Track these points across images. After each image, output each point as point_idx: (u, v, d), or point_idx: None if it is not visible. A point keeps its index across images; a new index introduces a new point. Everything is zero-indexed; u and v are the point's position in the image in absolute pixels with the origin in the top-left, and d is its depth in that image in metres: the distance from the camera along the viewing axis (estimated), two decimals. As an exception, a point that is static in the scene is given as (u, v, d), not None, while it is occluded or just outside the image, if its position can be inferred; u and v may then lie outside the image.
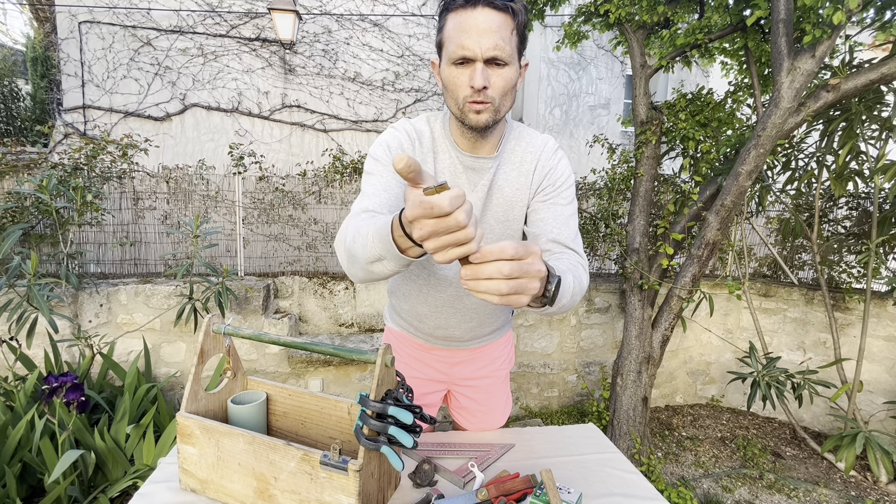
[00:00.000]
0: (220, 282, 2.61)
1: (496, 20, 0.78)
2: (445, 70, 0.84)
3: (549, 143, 0.98)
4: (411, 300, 1.11)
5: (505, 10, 0.78)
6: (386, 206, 0.86)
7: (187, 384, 0.91)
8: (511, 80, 0.83)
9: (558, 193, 0.96)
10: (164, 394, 2.82)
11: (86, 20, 4.39)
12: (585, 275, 0.87)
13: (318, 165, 3.79)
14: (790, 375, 2.65)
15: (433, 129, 0.97)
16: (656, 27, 2.97)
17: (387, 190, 0.88)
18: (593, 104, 5.81)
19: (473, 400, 1.25)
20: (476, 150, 0.94)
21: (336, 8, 4.85)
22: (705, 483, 2.59)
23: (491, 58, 0.79)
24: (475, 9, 0.78)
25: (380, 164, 0.92)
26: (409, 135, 0.95)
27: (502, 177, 0.97)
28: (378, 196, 0.87)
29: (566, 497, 0.85)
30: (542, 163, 0.96)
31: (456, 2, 0.79)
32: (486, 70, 0.80)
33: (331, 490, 0.79)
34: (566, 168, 0.98)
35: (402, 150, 0.93)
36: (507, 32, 0.79)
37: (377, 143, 0.95)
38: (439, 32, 0.85)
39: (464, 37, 0.78)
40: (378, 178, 0.90)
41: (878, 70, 2.16)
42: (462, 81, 0.82)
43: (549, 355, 3.41)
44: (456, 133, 0.94)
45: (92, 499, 1.85)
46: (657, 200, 3.39)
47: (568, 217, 0.95)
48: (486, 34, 0.77)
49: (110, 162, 3.01)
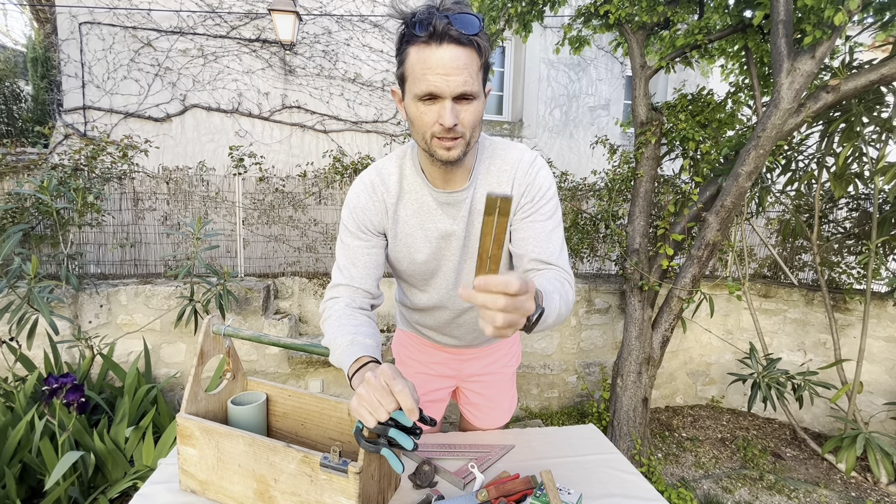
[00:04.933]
0: (220, 284, 2.61)
1: (463, 57, 0.74)
2: (411, 105, 0.80)
3: (524, 156, 0.94)
4: (415, 315, 1.16)
5: (471, 45, 0.75)
6: (358, 280, 0.95)
7: (187, 385, 0.91)
8: (479, 112, 0.81)
9: (537, 209, 0.93)
10: (164, 395, 2.82)
11: (86, 21, 4.39)
12: (572, 291, 0.88)
13: (319, 166, 3.79)
14: (790, 376, 2.65)
15: (403, 170, 0.95)
16: (656, 28, 2.97)
17: (355, 264, 0.95)
18: (593, 105, 5.81)
19: (482, 395, 1.28)
20: (448, 183, 0.92)
21: (336, 9, 4.85)
22: (705, 484, 2.59)
23: (460, 94, 0.76)
24: (440, 46, 0.74)
25: (348, 232, 0.96)
26: (374, 188, 0.95)
27: (481, 201, 0.94)
28: (349, 270, 0.95)
29: (566, 498, 0.85)
30: (518, 179, 0.93)
31: (419, 37, 0.74)
32: (456, 106, 0.77)
33: (331, 492, 0.79)
34: (545, 179, 0.94)
35: (366, 213, 0.95)
36: (475, 67, 0.77)
37: (346, 203, 0.97)
38: (400, 65, 0.80)
39: (430, 74, 0.74)
40: (348, 252, 0.96)
41: (877, 71, 2.16)
42: (429, 119, 0.79)
43: (549, 356, 3.40)
44: (427, 165, 0.92)
45: (92, 500, 1.85)
46: (657, 201, 3.39)
47: (550, 232, 0.93)
48: (454, 72, 0.74)
49: (110, 163, 3.02)
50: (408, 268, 1.01)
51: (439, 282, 1.03)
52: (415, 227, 0.96)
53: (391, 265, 1.05)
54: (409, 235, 0.97)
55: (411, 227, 0.96)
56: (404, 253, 0.99)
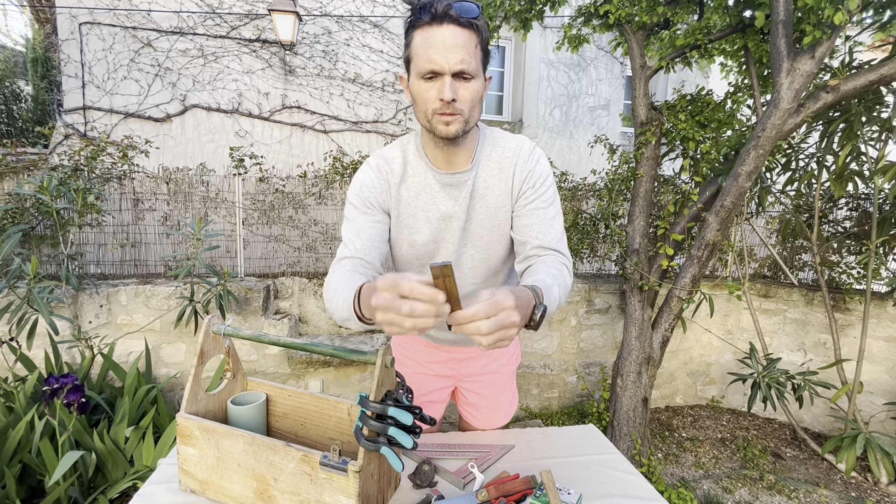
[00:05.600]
0: (220, 284, 2.61)
1: (462, 36, 0.82)
2: (415, 84, 0.87)
3: (524, 144, 1.00)
4: None
5: (469, 27, 0.83)
6: (361, 251, 0.95)
7: (187, 385, 0.91)
8: (477, 92, 0.87)
9: (539, 196, 0.98)
10: (164, 395, 2.82)
11: (86, 21, 4.39)
12: (570, 276, 0.93)
13: (319, 166, 3.79)
14: (790, 376, 2.65)
15: (406, 153, 1.01)
16: (656, 28, 2.97)
17: (360, 236, 0.96)
18: (593, 105, 5.81)
19: (481, 395, 1.28)
20: (451, 165, 0.98)
21: (336, 9, 4.85)
22: (705, 484, 2.59)
23: (458, 71, 0.83)
24: (441, 25, 0.82)
25: (354, 208, 0.99)
26: (379, 169, 1.00)
27: (483, 185, 0.99)
28: (353, 243, 0.96)
29: (566, 498, 0.85)
30: (519, 166, 0.98)
31: (422, 19, 0.83)
32: (454, 83, 0.84)
33: (330, 491, 0.79)
34: (545, 167, 1.00)
35: (372, 189, 0.99)
36: (472, 47, 0.84)
37: (352, 185, 1.01)
38: (406, 48, 0.88)
39: (431, 52, 0.82)
40: (353, 225, 0.98)
41: (877, 71, 2.16)
42: (431, 95, 0.85)
43: (549, 356, 3.40)
44: (430, 147, 0.97)
45: (92, 500, 1.85)
46: (657, 201, 3.39)
47: (551, 219, 0.98)
48: (453, 49, 0.81)
49: (110, 163, 3.02)
50: (407, 251, 1.04)
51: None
52: (416, 209, 1.00)
53: (392, 252, 1.08)
54: (411, 216, 1.00)
55: (413, 209, 1.00)
56: (405, 234, 1.02)
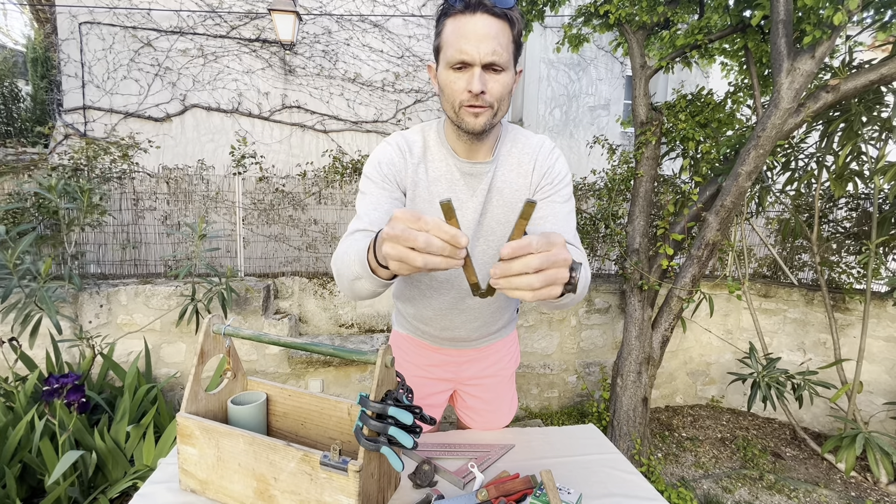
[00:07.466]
0: (222, 283, 2.61)
1: (494, 27, 0.79)
2: (443, 74, 0.85)
3: (545, 143, 1.00)
4: (416, 304, 1.13)
5: (503, 18, 0.80)
6: (377, 224, 0.88)
7: (187, 385, 0.91)
8: (507, 85, 0.84)
9: (556, 191, 0.97)
10: (164, 394, 2.82)
11: (86, 21, 4.39)
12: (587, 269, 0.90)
13: (319, 166, 3.79)
14: (790, 376, 2.65)
15: (426, 138, 0.98)
16: (656, 28, 2.97)
17: (377, 209, 0.91)
18: (593, 105, 5.81)
19: (480, 399, 1.26)
20: (472, 155, 0.96)
21: (336, 9, 4.85)
22: (705, 484, 2.59)
23: (489, 63, 0.80)
24: (474, 15, 0.79)
25: (371, 182, 0.95)
26: (399, 147, 0.97)
27: (501, 179, 0.98)
28: (369, 215, 0.89)
29: (566, 498, 0.85)
30: (539, 163, 0.98)
31: (455, 7, 0.80)
32: (484, 75, 0.81)
33: (331, 490, 0.79)
34: (563, 167, 0.99)
35: (392, 166, 0.95)
36: (505, 39, 0.81)
37: (370, 160, 0.98)
38: (437, 37, 0.86)
39: (462, 42, 0.79)
40: (370, 198, 0.93)
41: (877, 71, 2.16)
42: (459, 86, 0.83)
43: (549, 356, 3.40)
44: (452, 138, 0.95)
45: (92, 499, 1.85)
46: (657, 201, 3.39)
47: (566, 215, 0.97)
48: (485, 40, 0.79)
49: (110, 162, 3.02)
50: None
51: None
52: (433, 195, 0.97)
53: None
54: (426, 202, 0.98)
55: (430, 194, 0.97)
56: None
